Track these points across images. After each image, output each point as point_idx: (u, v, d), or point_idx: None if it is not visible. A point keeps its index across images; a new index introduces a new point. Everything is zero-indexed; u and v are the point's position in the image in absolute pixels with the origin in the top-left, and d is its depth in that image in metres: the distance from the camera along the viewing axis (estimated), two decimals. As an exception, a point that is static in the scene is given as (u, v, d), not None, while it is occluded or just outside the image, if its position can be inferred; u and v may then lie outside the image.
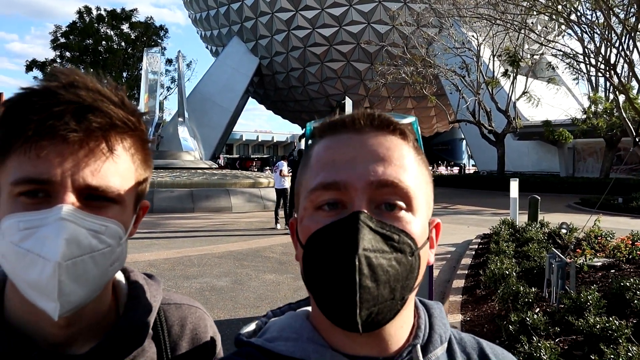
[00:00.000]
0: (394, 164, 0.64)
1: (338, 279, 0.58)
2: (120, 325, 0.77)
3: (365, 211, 0.61)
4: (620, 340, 3.58)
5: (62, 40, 43.85)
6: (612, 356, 3.24)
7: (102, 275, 0.70)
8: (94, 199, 0.69)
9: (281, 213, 12.81)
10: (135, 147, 0.74)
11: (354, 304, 0.58)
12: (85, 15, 44.62)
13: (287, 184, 12.84)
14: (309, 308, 0.75)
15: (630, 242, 6.94)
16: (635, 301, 4.31)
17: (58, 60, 43.86)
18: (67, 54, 43.91)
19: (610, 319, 3.81)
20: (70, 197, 0.66)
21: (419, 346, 0.68)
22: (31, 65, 43.72)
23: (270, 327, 0.72)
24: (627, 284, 4.73)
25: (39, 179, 0.65)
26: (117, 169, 0.70)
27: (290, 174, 12.87)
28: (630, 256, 6.61)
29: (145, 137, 0.76)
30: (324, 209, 0.64)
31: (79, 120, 0.66)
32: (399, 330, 0.67)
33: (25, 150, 0.65)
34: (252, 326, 0.75)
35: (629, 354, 3.21)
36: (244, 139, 77.22)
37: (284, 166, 13.23)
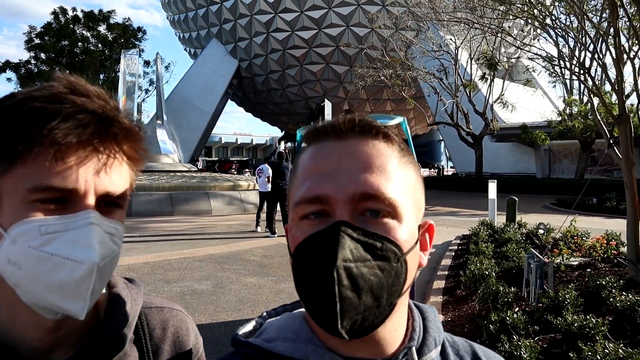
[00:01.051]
0: (376, 172, 0.63)
1: (320, 290, 0.59)
2: (102, 329, 0.77)
3: (348, 220, 0.61)
4: (598, 338, 3.65)
5: (37, 41, 42.94)
6: (589, 353, 3.31)
7: (111, 275, 0.75)
8: (107, 205, 0.72)
9: (263, 216, 12.76)
10: (133, 152, 0.76)
11: (335, 315, 0.57)
12: (60, 16, 43.82)
13: (270, 187, 12.77)
14: None
15: (605, 241, 7.09)
16: (611, 299, 4.41)
17: (33, 61, 42.95)
18: (42, 55, 43.01)
19: (588, 317, 3.89)
20: (93, 203, 0.69)
21: (414, 349, 0.69)
22: (4, 66, 42.72)
23: (268, 327, 0.72)
24: (603, 282, 4.84)
25: (63, 187, 0.66)
26: (125, 175, 0.74)
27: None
28: (605, 255, 6.76)
29: (143, 141, 0.78)
30: (310, 217, 0.64)
31: (100, 131, 0.69)
32: (393, 334, 0.68)
33: (45, 158, 0.65)
34: (249, 326, 0.75)
35: (605, 350, 3.28)
36: (223, 142, 76.75)
37: (270, 171, 12.96)
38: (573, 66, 8.03)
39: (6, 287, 0.69)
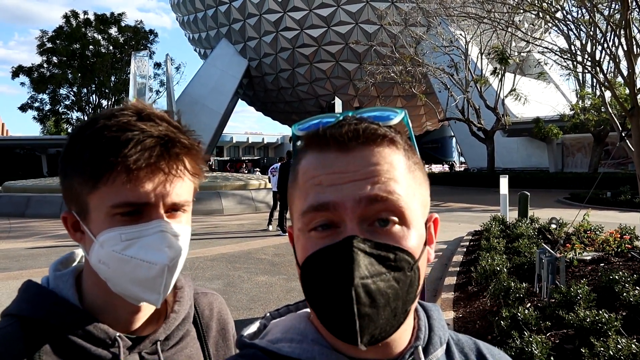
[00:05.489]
0: (382, 179, 0.62)
1: (337, 308, 0.58)
2: (177, 310, 0.96)
3: (359, 235, 0.60)
4: (610, 333, 3.62)
5: (49, 45, 43.38)
6: (602, 349, 3.28)
7: (179, 269, 0.88)
8: (173, 210, 0.85)
9: (275, 214, 12.79)
10: (195, 163, 0.88)
11: (354, 333, 0.57)
12: (72, 19, 44.21)
13: None
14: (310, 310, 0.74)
15: (619, 235, 7.01)
16: (624, 294, 4.36)
17: (45, 65, 43.44)
18: (54, 59, 43.45)
19: (600, 312, 3.85)
20: (163, 214, 0.83)
21: (420, 348, 0.68)
22: (17, 71, 43.30)
23: (273, 328, 0.72)
24: (616, 277, 4.79)
25: (137, 202, 0.81)
26: (188, 185, 0.87)
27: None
28: (619, 249, 6.68)
29: (202, 154, 0.90)
30: (318, 229, 0.62)
31: (163, 153, 0.81)
32: (402, 335, 0.67)
33: (122, 180, 0.79)
34: (253, 328, 0.74)
35: (618, 346, 3.25)
36: (234, 141, 77.01)
37: None
38: (584, 60, 7.95)
39: (100, 279, 0.85)
